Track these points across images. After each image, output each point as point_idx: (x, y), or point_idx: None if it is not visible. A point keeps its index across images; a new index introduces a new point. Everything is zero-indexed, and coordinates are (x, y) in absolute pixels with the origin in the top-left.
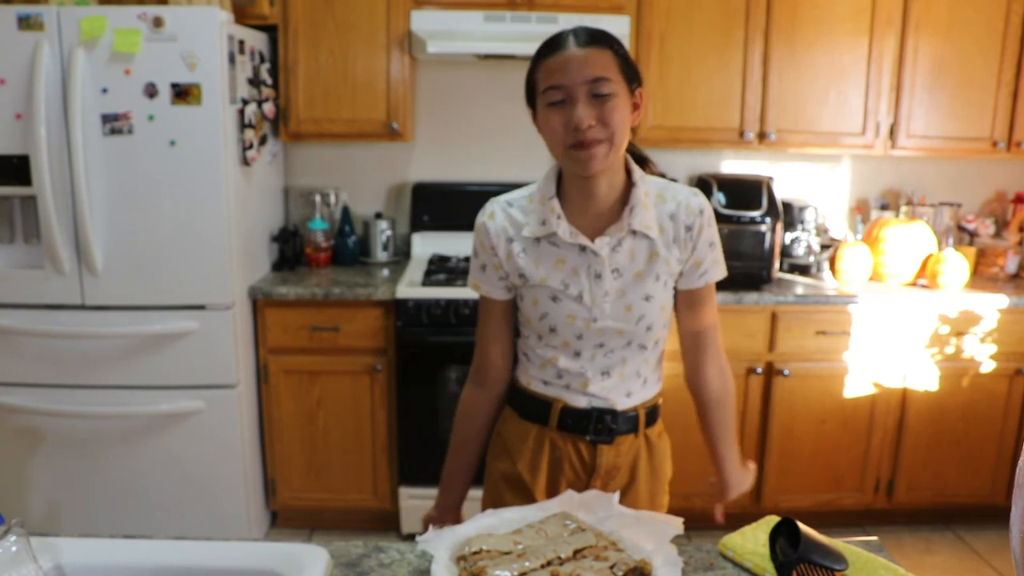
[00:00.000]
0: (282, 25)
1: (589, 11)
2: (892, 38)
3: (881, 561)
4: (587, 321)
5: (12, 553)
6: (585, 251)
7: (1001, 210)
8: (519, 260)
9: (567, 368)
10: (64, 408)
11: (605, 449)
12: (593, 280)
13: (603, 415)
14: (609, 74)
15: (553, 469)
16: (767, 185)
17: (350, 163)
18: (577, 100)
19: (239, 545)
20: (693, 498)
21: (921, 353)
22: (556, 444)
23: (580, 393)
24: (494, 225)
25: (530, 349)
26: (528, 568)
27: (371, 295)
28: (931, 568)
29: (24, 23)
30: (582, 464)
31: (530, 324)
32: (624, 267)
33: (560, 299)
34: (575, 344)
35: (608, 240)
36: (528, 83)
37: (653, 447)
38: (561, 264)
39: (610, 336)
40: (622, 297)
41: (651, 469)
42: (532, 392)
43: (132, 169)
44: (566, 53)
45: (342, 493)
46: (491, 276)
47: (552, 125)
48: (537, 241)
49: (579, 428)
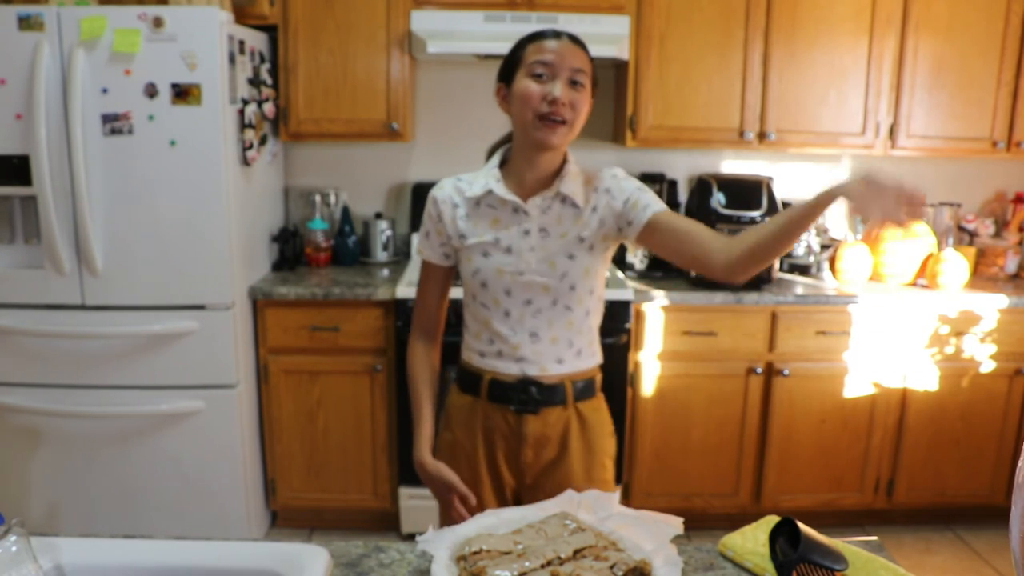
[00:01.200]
0: (282, 25)
1: (589, 11)
2: (892, 38)
3: (881, 561)
4: (514, 274)
5: (12, 553)
6: (518, 211)
7: (1001, 210)
8: (460, 223)
9: (498, 331)
10: (64, 408)
11: (531, 419)
12: (522, 236)
13: (528, 386)
14: (587, 70)
15: (487, 437)
16: (767, 185)
17: (350, 163)
18: (558, 79)
19: (239, 545)
20: (693, 498)
21: (921, 353)
22: (488, 414)
23: (512, 360)
24: (442, 194)
25: (470, 315)
26: (528, 568)
27: (371, 295)
28: (931, 568)
29: (24, 23)
30: (511, 433)
31: (466, 284)
32: (551, 228)
33: (491, 253)
34: (504, 301)
35: (539, 201)
36: (511, 58)
37: (586, 421)
38: (496, 223)
39: (536, 291)
40: (547, 253)
41: (584, 443)
42: (469, 366)
43: (132, 169)
44: (560, 42)
45: (342, 493)
46: (433, 242)
47: (531, 92)
48: (477, 204)
49: (506, 398)
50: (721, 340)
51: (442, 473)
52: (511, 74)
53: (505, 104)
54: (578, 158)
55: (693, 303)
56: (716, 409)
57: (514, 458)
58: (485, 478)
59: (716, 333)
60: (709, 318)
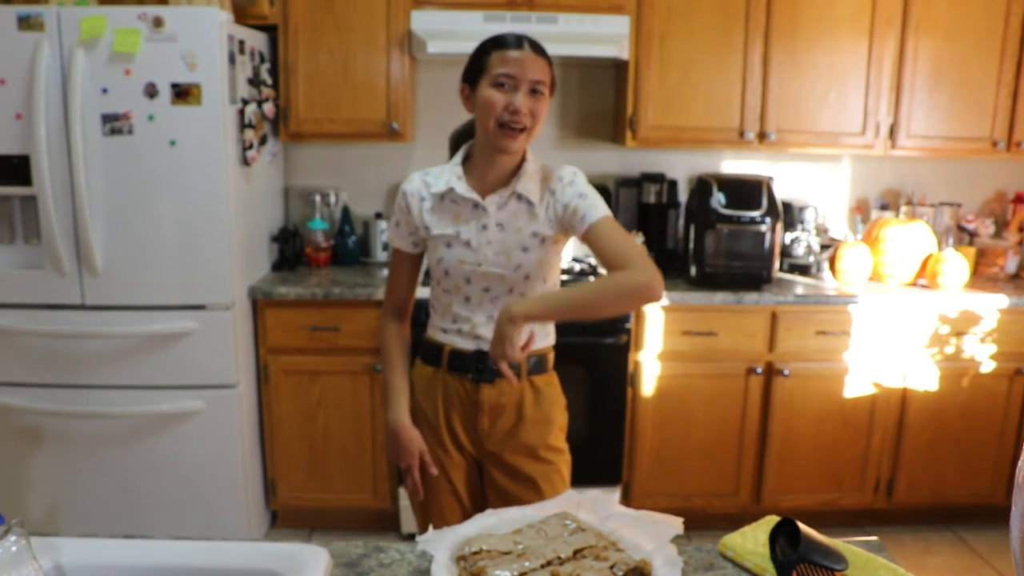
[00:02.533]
0: (282, 25)
1: (589, 11)
2: (892, 38)
3: (881, 561)
4: (473, 265)
5: (12, 553)
6: (477, 207)
7: (1001, 210)
8: (426, 215)
9: (459, 313)
10: (64, 408)
11: (486, 388)
12: (480, 230)
13: (484, 356)
14: (546, 80)
15: (447, 405)
16: (767, 185)
17: (350, 163)
18: (519, 90)
19: (239, 545)
20: (693, 498)
21: (921, 353)
22: (447, 383)
23: (470, 337)
24: (411, 187)
25: (435, 298)
26: (528, 568)
27: (371, 295)
28: (931, 568)
29: (24, 23)
30: (469, 400)
31: (432, 270)
32: (507, 223)
33: (453, 245)
34: (464, 288)
35: (496, 199)
36: (476, 64)
37: (540, 393)
38: (457, 217)
39: (494, 281)
40: (503, 246)
41: (539, 412)
42: (431, 340)
43: (132, 169)
44: (523, 53)
45: (342, 493)
46: (403, 231)
47: (494, 101)
48: (442, 199)
49: (463, 368)
50: (721, 340)
51: (415, 440)
52: (475, 78)
53: (468, 104)
54: (576, 158)
55: (693, 303)
56: (716, 409)
57: (472, 426)
58: (447, 441)
59: (716, 333)
60: (709, 318)
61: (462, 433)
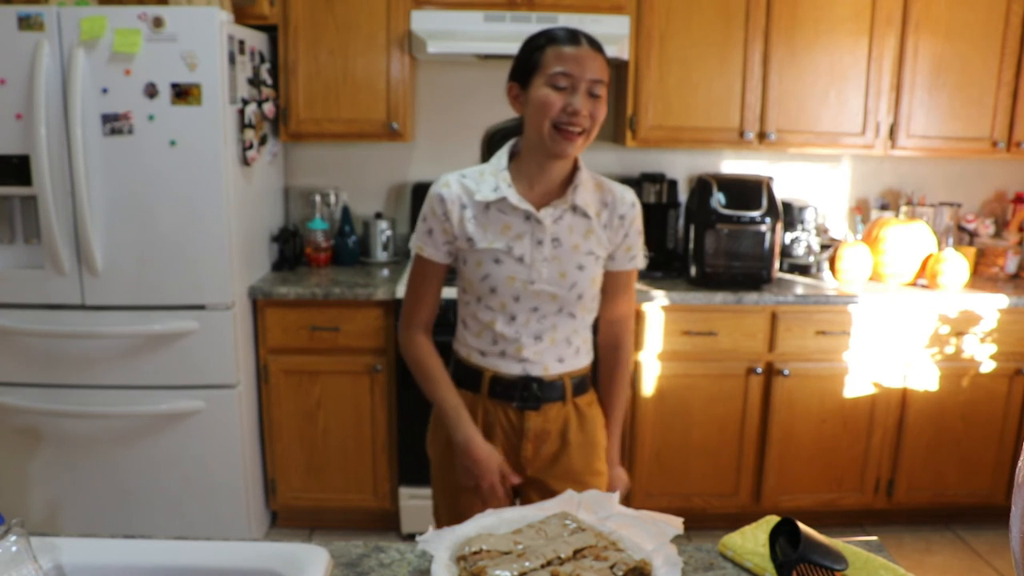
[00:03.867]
0: (282, 25)
1: (589, 11)
2: (892, 38)
3: (881, 561)
4: (525, 283)
5: (12, 553)
6: (530, 219)
7: (1001, 210)
8: (468, 225)
9: (502, 333)
10: (64, 408)
11: (532, 415)
12: (535, 245)
13: (529, 383)
14: (606, 79)
15: (487, 433)
16: (767, 185)
17: (350, 163)
18: (579, 91)
19: (239, 545)
20: (693, 498)
21: (921, 353)
22: (488, 410)
23: (515, 360)
24: (449, 192)
25: (470, 315)
26: (528, 568)
27: (371, 295)
28: (931, 568)
29: (24, 23)
30: (512, 428)
31: (471, 286)
32: (563, 238)
33: (503, 261)
34: (511, 307)
35: (552, 211)
36: (529, 60)
37: (584, 415)
38: (507, 229)
39: (544, 300)
40: (558, 264)
41: (583, 435)
42: (469, 363)
43: (132, 169)
44: (581, 50)
45: (342, 493)
46: (437, 240)
47: (551, 102)
48: (487, 208)
49: (507, 395)
50: (721, 340)
51: (493, 455)
52: (527, 77)
53: (518, 104)
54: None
55: (693, 303)
56: (716, 409)
57: (514, 453)
58: None
59: (716, 333)
60: (709, 318)
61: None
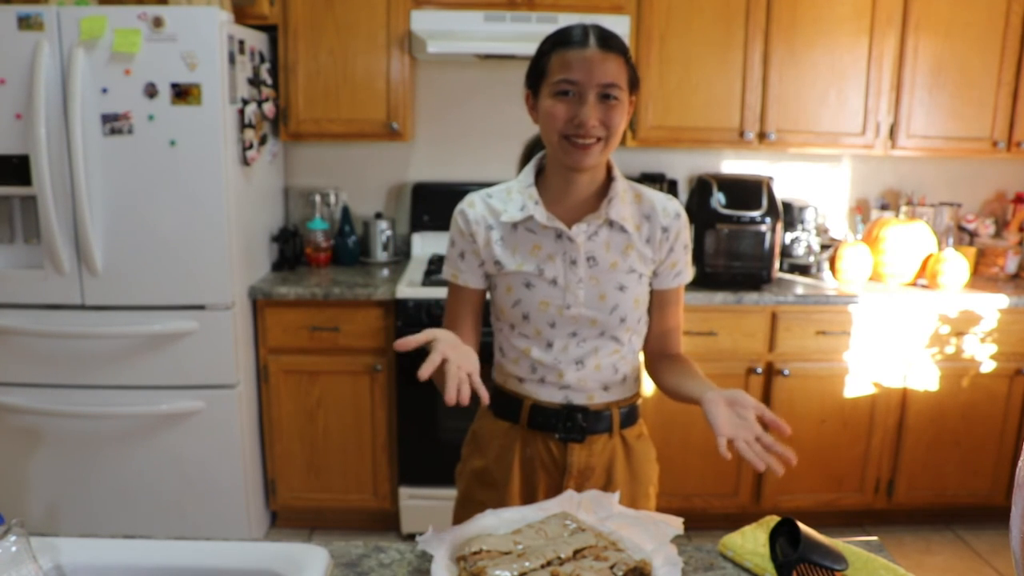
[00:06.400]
0: (282, 25)
1: (589, 11)
2: (892, 38)
3: (881, 561)
4: (560, 308)
5: (12, 553)
6: (561, 237)
7: (1001, 210)
8: (495, 247)
9: (540, 360)
10: (64, 408)
11: (576, 448)
12: (568, 266)
13: (574, 412)
14: (619, 81)
15: (526, 468)
16: (767, 185)
17: (350, 163)
18: (586, 99)
19: (239, 545)
20: (693, 498)
21: (921, 353)
22: (527, 442)
23: (556, 387)
24: (474, 212)
25: (504, 340)
26: (528, 568)
27: (371, 295)
28: (931, 568)
29: (24, 23)
30: (553, 463)
31: (503, 313)
32: (599, 256)
33: (534, 285)
34: (547, 333)
35: (585, 228)
36: (537, 67)
37: (631, 449)
38: (537, 250)
39: (583, 325)
40: (596, 285)
41: (630, 472)
42: (506, 390)
43: (132, 169)
44: (586, 52)
45: (342, 493)
46: (471, 263)
47: (555, 113)
48: (514, 228)
49: (548, 426)
50: (721, 340)
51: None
52: (537, 84)
53: (534, 114)
54: None
55: (693, 303)
56: None
57: (555, 490)
58: None
59: (716, 333)
60: (709, 318)
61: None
